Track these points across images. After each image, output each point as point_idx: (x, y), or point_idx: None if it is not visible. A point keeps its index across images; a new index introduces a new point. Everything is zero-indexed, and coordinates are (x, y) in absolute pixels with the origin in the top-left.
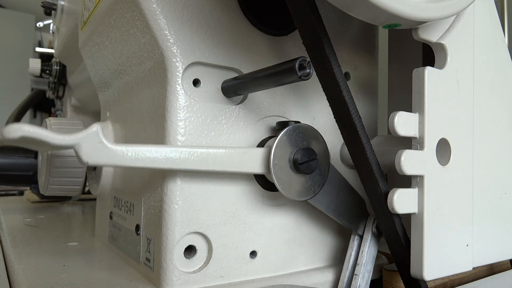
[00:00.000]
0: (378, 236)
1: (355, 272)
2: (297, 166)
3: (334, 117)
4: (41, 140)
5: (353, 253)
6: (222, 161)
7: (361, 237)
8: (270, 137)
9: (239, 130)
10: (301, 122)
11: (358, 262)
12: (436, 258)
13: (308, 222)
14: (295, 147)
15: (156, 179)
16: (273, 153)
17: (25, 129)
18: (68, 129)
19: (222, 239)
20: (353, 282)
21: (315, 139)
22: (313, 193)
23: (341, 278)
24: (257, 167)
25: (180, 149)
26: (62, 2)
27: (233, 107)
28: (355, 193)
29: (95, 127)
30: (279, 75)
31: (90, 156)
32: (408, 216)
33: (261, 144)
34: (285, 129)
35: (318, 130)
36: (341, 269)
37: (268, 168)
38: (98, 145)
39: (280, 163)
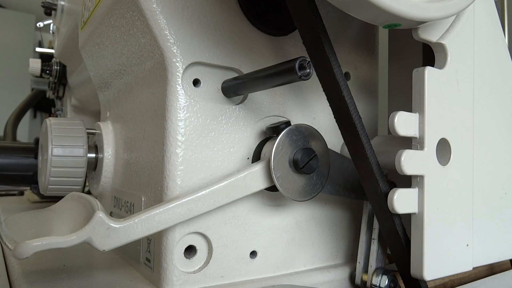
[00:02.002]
0: None
1: (372, 237)
2: (298, 168)
3: (334, 117)
4: (54, 248)
5: (368, 218)
6: (228, 194)
7: None
8: (269, 138)
9: (239, 130)
10: (301, 122)
11: (374, 227)
12: (436, 258)
13: (308, 222)
14: (293, 149)
15: (156, 179)
16: (273, 167)
17: (36, 246)
18: (68, 129)
19: (222, 239)
20: (372, 246)
21: (310, 136)
22: (319, 187)
23: (360, 243)
24: (262, 184)
25: (185, 199)
26: (62, 2)
27: (233, 107)
28: None
29: (99, 215)
30: (279, 75)
31: (105, 244)
32: (408, 216)
33: (261, 145)
34: (278, 138)
35: (318, 130)
36: (342, 269)
37: (271, 181)
38: (107, 231)
39: (282, 173)
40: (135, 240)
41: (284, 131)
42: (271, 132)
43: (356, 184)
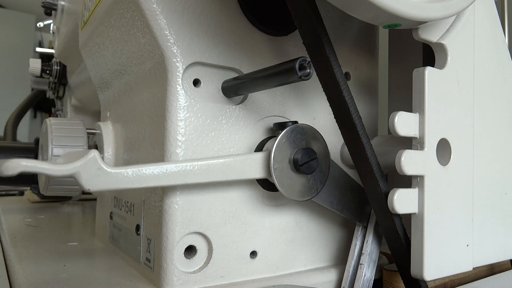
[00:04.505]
0: None
1: (360, 262)
2: (297, 167)
3: (334, 117)
4: (40, 173)
5: (358, 243)
6: (223, 171)
7: (365, 228)
8: (270, 137)
9: (239, 130)
10: (301, 122)
11: (363, 252)
12: (436, 258)
13: (308, 222)
14: (295, 147)
15: None
16: (273, 157)
17: (23, 164)
18: (68, 129)
19: (222, 239)
20: (358, 272)
21: (314, 138)
22: (314, 192)
23: (346, 267)
24: (258, 173)
25: (180, 164)
26: (62, 2)
27: (233, 107)
28: (357, 185)
29: (93, 153)
30: (279, 75)
31: (91, 183)
32: (408, 216)
33: (261, 145)
34: (283, 132)
35: (318, 130)
36: (342, 269)
37: (269, 172)
38: (98, 171)
39: (281, 166)
40: (122, 189)
41: (290, 127)
42: (278, 127)
43: (348, 203)
